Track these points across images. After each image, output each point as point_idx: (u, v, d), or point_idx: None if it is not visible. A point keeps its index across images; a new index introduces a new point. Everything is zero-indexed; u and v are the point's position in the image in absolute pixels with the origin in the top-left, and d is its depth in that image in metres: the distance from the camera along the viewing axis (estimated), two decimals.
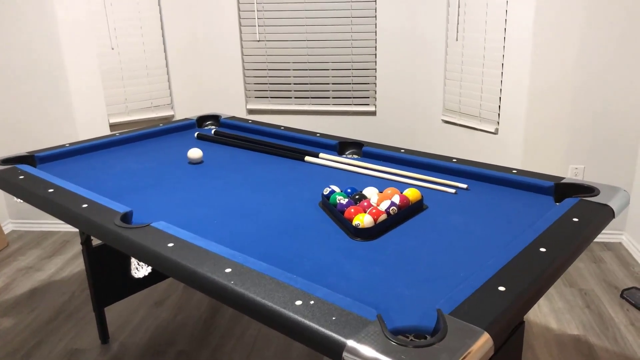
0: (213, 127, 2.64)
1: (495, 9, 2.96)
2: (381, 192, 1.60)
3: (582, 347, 2.23)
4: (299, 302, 1.05)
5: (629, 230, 3.08)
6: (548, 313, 2.47)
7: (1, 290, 2.79)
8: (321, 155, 2.07)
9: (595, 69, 2.82)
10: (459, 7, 3.17)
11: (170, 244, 1.31)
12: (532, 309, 2.50)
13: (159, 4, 3.44)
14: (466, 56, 3.19)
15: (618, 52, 2.78)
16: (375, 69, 3.53)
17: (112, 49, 3.32)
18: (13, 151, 3.32)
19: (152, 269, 1.48)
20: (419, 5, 3.34)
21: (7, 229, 3.47)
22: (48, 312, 2.58)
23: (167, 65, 3.55)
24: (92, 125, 3.31)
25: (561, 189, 1.65)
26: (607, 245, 3.11)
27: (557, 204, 1.60)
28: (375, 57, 3.50)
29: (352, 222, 1.43)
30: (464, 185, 1.74)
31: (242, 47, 3.62)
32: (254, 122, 2.55)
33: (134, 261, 1.47)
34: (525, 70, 2.88)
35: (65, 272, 2.95)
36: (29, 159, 2.08)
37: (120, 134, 2.38)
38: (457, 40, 3.22)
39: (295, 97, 3.67)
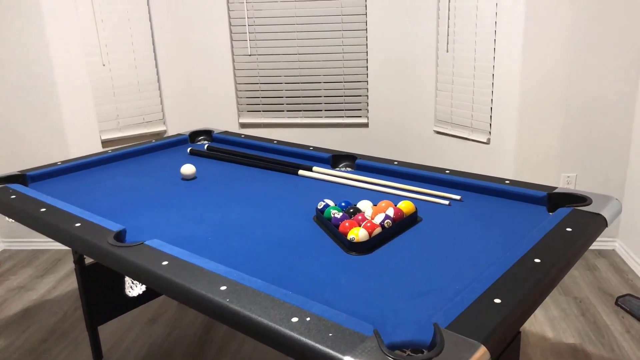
0: (206, 142, 2.64)
1: (485, 20, 2.99)
2: (375, 205, 1.60)
3: (578, 355, 2.23)
4: (295, 319, 1.05)
5: (622, 237, 3.09)
6: (544, 322, 2.48)
7: None
8: (314, 168, 2.07)
9: (585, 77, 2.86)
10: (448, 19, 3.20)
11: (165, 262, 1.30)
12: None
13: (150, 20, 3.45)
14: (457, 67, 3.22)
15: (608, 61, 2.82)
16: (367, 81, 3.55)
17: (103, 65, 3.32)
18: (3, 170, 3.30)
19: (145, 287, 1.47)
20: (409, 17, 3.37)
21: None
22: (40, 332, 2.55)
23: (158, 81, 3.56)
24: (84, 142, 3.29)
25: (554, 199, 1.66)
26: (600, 253, 3.12)
27: (551, 213, 1.61)
28: (367, 69, 3.52)
29: (347, 236, 1.43)
30: (457, 197, 1.75)
31: (233, 61, 3.63)
32: (246, 136, 2.55)
33: (128, 280, 1.46)
34: (516, 80, 2.91)
35: (58, 291, 2.92)
36: (21, 178, 2.06)
37: (112, 150, 2.38)
38: (447, 51, 3.25)
39: (287, 111, 3.69)
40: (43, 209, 1.68)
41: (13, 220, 1.79)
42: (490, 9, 2.94)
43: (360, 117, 3.63)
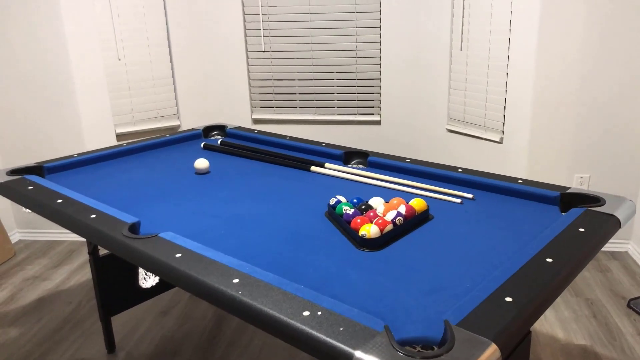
0: (219, 137, 2.66)
1: (500, 19, 2.97)
2: (387, 202, 1.61)
3: (589, 357, 2.22)
4: (306, 313, 1.06)
5: (635, 239, 3.06)
6: (554, 323, 2.47)
7: (8, 300, 2.80)
8: (327, 165, 2.08)
9: (599, 77, 2.83)
10: (463, 17, 3.19)
11: (178, 255, 1.32)
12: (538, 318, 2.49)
13: (165, 15, 3.47)
14: (470, 65, 3.20)
15: (623, 61, 2.79)
16: (380, 79, 3.54)
17: (119, 59, 3.35)
18: (21, 162, 3.35)
19: (159, 279, 1.49)
20: (424, 15, 3.36)
21: (14, 239, 3.49)
22: (54, 321, 2.59)
23: (173, 76, 3.58)
24: (99, 135, 3.33)
25: (567, 199, 1.65)
26: (613, 255, 3.10)
27: (563, 214, 1.61)
28: (380, 66, 3.52)
29: (358, 232, 1.43)
30: (470, 195, 1.75)
31: (247, 57, 3.65)
32: (259, 132, 2.57)
33: (141, 271, 1.48)
34: (530, 79, 2.89)
35: (72, 282, 2.96)
36: (38, 169, 2.10)
37: (127, 144, 2.40)
38: (461, 49, 3.24)
39: (300, 107, 3.69)
40: (59, 200, 1.71)
41: (30, 211, 1.82)
42: (505, 8, 2.92)
43: (372, 114, 3.63)
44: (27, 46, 3.12)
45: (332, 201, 1.62)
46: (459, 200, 1.72)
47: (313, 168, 2.07)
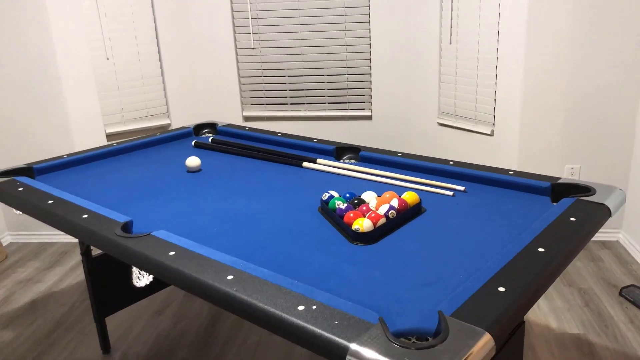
0: (210, 135, 2.65)
1: (488, 12, 2.98)
2: (379, 196, 1.61)
3: (582, 345, 2.24)
4: (301, 307, 1.06)
5: (626, 228, 3.09)
6: (548, 312, 2.49)
7: (1, 303, 2.78)
8: (319, 160, 2.08)
9: (588, 68, 2.85)
10: (452, 10, 3.19)
11: (172, 253, 1.32)
12: (532, 308, 2.51)
13: (153, 13, 3.45)
14: (460, 59, 3.21)
15: (611, 52, 2.81)
16: (370, 74, 3.54)
17: (107, 58, 3.33)
18: (10, 163, 3.32)
19: (153, 278, 1.49)
20: (413, 9, 3.36)
21: (5, 241, 3.46)
22: (48, 323, 2.58)
23: (162, 74, 3.56)
24: (89, 136, 3.31)
25: (558, 189, 1.66)
26: (604, 244, 3.13)
27: (554, 204, 1.62)
28: (370, 61, 3.52)
29: (351, 226, 1.44)
30: (462, 188, 1.76)
31: (237, 54, 3.64)
32: (250, 129, 2.56)
33: (135, 270, 1.48)
34: (519, 71, 2.90)
35: (65, 283, 2.94)
36: (27, 170, 2.08)
37: (117, 143, 2.39)
38: (450, 43, 3.24)
39: (291, 103, 3.69)
40: (50, 201, 1.70)
41: (21, 213, 1.81)
42: (494, 1, 2.93)
43: (363, 109, 3.63)
44: (14, 47, 3.09)
45: (325, 196, 1.62)
46: (450, 193, 1.73)
47: (305, 164, 2.07)
